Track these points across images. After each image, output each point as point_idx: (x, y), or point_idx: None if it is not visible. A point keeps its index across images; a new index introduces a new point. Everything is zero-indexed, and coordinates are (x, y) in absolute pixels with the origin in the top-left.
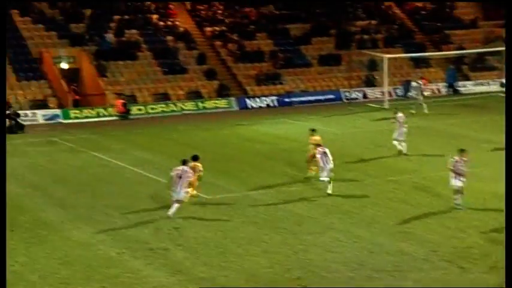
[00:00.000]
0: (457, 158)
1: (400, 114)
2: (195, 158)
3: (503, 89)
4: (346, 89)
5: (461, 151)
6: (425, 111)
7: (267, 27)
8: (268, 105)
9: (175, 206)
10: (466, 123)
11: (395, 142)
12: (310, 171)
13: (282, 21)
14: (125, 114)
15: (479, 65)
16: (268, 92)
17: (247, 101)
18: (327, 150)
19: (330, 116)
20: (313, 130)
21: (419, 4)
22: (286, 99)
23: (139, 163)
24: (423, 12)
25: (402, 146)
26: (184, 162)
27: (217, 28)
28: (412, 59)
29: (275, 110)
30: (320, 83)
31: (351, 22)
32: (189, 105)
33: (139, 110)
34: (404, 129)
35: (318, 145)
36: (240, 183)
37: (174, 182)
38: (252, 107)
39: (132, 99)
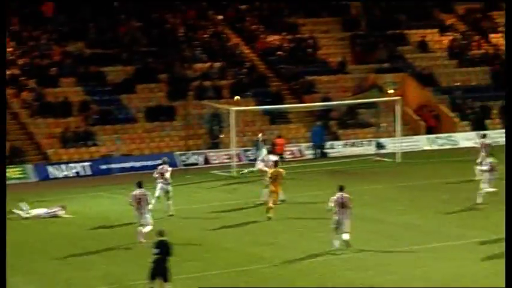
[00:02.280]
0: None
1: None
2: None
3: (379, 151)
4: (182, 152)
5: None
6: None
7: (75, 71)
8: (78, 174)
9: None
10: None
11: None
12: None
13: (96, 63)
14: None
15: (350, 121)
16: (78, 156)
17: (49, 168)
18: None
19: None
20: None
21: (275, 41)
22: (103, 166)
23: None
24: (279, 52)
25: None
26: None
27: (7, 72)
28: (266, 112)
29: (87, 180)
30: (148, 144)
31: (188, 64)
32: None
33: None
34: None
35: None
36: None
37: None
38: (56, 177)
39: None
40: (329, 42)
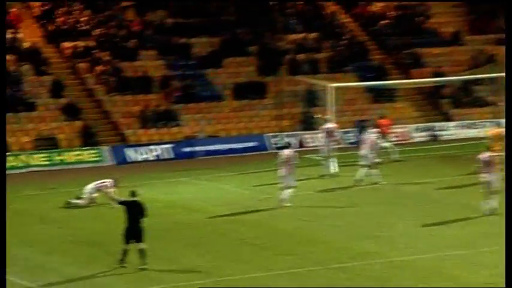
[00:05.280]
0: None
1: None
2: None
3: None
4: (274, 133)
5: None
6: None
7: (157, 43)
8: (158, 158)
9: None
10: (446, 182)
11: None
12: None
13: (179, 34)
14: None
15: (465, 99)
16: (158, 137)
17: (127, 151)
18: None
19: (250, 172)
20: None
21: (379, 9)
22: (186, 149)
23: None
24: (383, 21)
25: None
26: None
27: (80, 43)
28: (368, 89)
29: (169, 164)
30: (235, 124)
31: (280, 35)
32: (39, 159)
33: None
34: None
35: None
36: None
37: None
38: (135, 161)
39: None
40: (441, 9)
